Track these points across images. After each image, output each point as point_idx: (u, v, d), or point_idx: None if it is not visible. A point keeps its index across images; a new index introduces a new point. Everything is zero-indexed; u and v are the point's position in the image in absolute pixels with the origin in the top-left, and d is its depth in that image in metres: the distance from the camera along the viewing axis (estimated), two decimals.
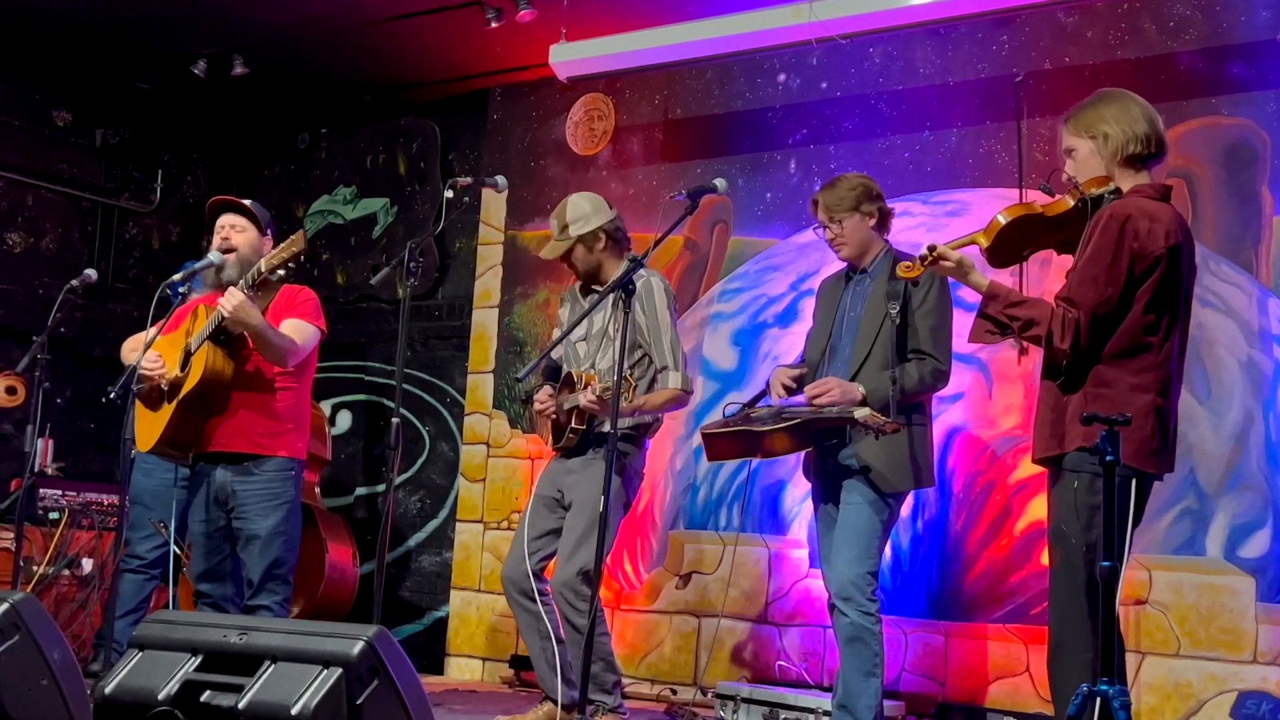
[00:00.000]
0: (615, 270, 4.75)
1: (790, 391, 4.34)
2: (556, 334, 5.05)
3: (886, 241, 4.41)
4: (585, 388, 4.54)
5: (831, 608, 4.22)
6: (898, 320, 4.15)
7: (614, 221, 4.79)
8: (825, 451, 4.25)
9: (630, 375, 4.44)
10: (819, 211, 4.37)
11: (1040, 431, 3.52)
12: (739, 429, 4.25)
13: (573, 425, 4.65)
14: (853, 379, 4.20)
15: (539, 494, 4.83)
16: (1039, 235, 3.58)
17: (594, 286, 4.85)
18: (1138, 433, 3.35)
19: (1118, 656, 3.25)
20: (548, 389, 4.79)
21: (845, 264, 4.45)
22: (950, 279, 3.82)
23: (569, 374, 4.74)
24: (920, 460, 4.20)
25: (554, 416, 4.74)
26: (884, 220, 4.38)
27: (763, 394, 4.49)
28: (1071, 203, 3.51)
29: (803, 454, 4.43)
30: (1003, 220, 3.52)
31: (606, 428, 4.65)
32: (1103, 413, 3.19)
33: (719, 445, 4.33)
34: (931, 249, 3.54)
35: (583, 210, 4.77)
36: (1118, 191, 3.49)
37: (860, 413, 3.94)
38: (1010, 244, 3.56)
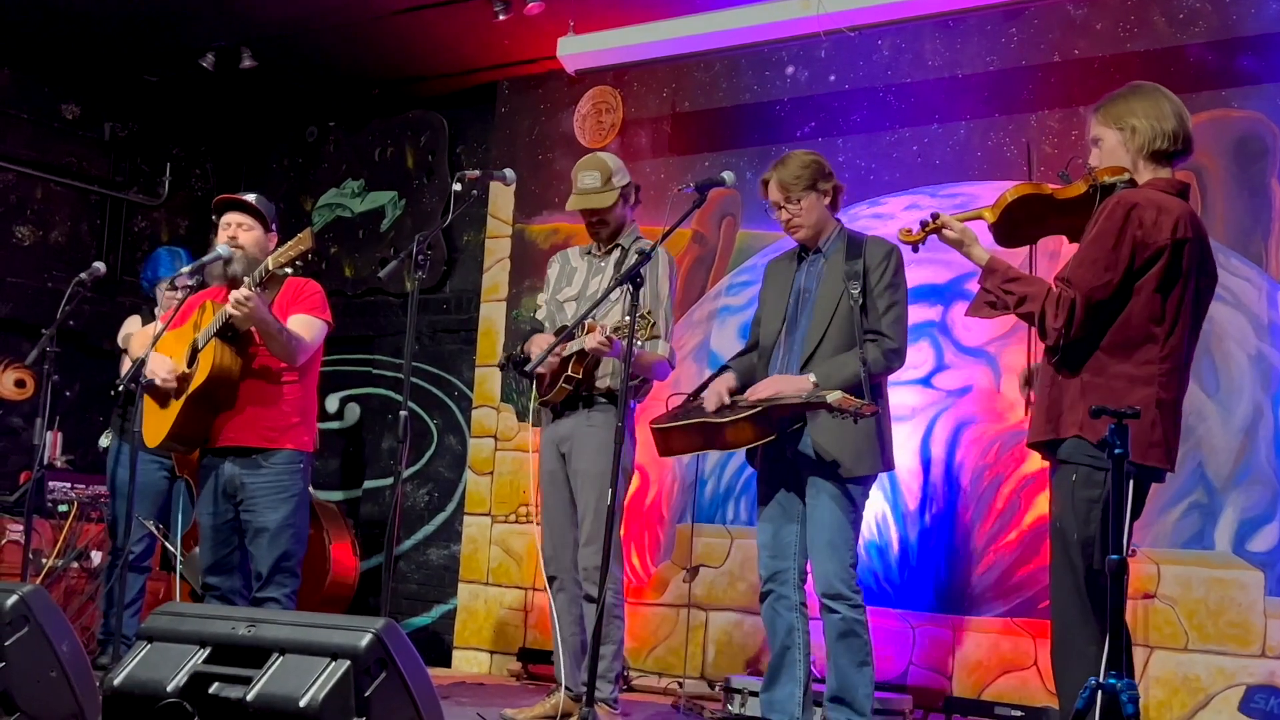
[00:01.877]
0: (627, 233, 4.84)
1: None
2: (543, 297, 5.01)
3: (838, 220, 4.31)
4: (588, 334, 4.44)
5: (764, 595, 4.17)
6: (859, 301, 4.06)
7: None
8: (784, 439, 4.11)
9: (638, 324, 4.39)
10: (771, 191, 4.23)
11: (1037, 415, 3.49)
12: (697, 421, 4.12)
13: (568, 374, 4.60)
14: (807, 361, 4.09)
15: (546, 470, 4.80)
16: (1047, 218, 3.55)
17: (593, 252, 4.88)
18: (1148, 429, 3.32)
19: (1125, 650, 3.24)
20: (545, 337, 4.74)
21: (794, 246, 4.34)
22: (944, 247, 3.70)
23: (562, 327, 4.71)
24: (882, 443, 4.12)
25: (552, 366, 4.67)
26: (836, 198, 4.28)
27: (706, 384, 4.34)
28: (1083, 188, 3.48)
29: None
30: (1010, 197, 3.49)
31: (600, 383, 4.67)
32: (1101, 403, 3.16)
33: (674, 439, 4.20)
34: (935, 216, 3.51)
35: (619, 164, 4.88)
36: (1131, 182, 3.47)
37: (833, 396, 3.80)
38: (1017, 223, 3.53)
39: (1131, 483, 3.30)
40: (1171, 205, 3.38)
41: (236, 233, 4.68)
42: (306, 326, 4.57)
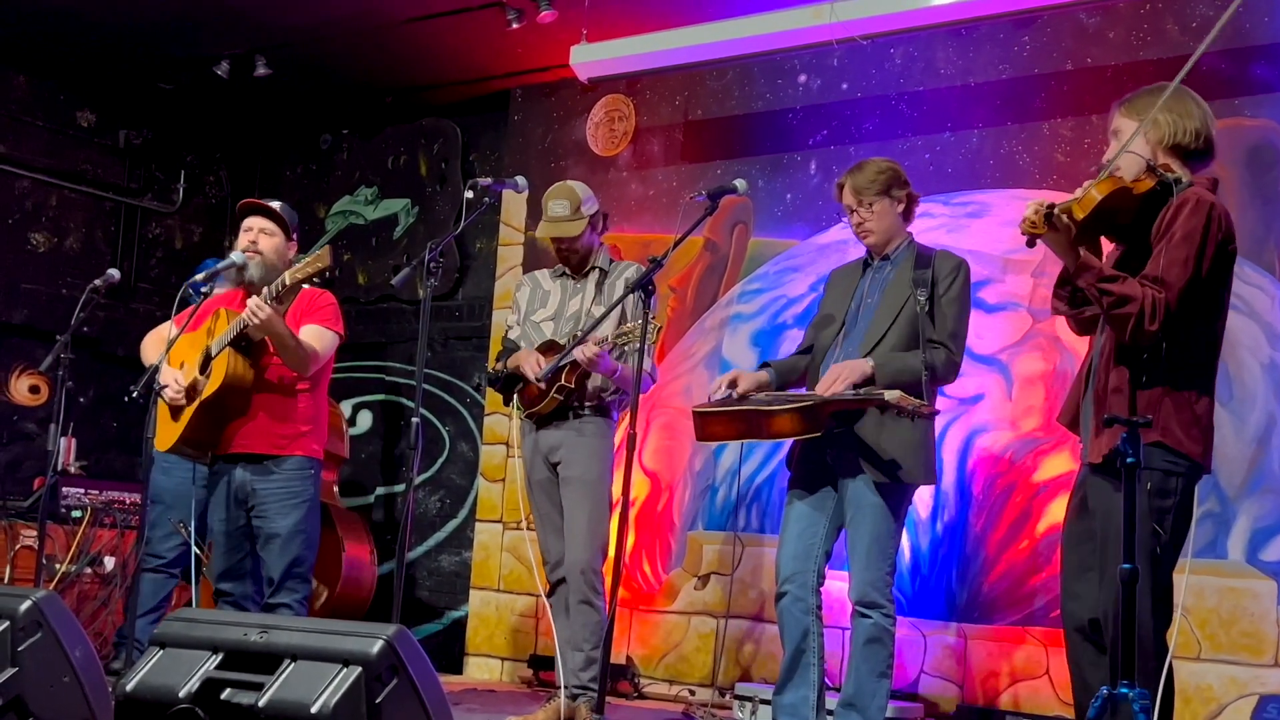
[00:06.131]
0: (597, 256, 4.93)
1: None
2: (513, 319, 5.06)
3: (909, 232, 4.30)
4: (581, 346, 4.49)
5: (780, 595, 4.13)
6: (926, 307, 4.05)
7: None
8: (829, 440, 4.04)
9: (617, 339, 4.52)
10: (845, 195, 4.22)
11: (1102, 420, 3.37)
12: (742, 408, 4.05)
13: (561, 383, 4.66)
14: (865, 356, 4.06)
15: (536, 480, 4.88)
16: (1116, 215, 3.33)
17: (566, 273, 4.95)
18: (1208, 433, 3.29)
19: (1157, 660, 3.21)
20: (535, 355, 4.76)
21: (862, 256, 4.34)
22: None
23: (551, 341, 4.78)
24: (933, 453, 4.11)
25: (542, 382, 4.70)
26: (910, 208, 4.26)
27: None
28: (1152, 183, 3.31)
29: (787, 447, 4.33)
30: (1102, 191, 3.26)
31: (589, 394, 4.73)
32: (1178, 408, 3.16)
33: (714, 424, 4.10)
34: (1053, 206, 3.27)
35: (588, 192, 4.92)
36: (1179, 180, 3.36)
37: (891, 394, 3.77)
38: (1099, 221, 3.31)
39: (1197, 489, 3.32)
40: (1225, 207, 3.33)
41: (258, 237, 4.70)
42: (318, 337, 4.60)
